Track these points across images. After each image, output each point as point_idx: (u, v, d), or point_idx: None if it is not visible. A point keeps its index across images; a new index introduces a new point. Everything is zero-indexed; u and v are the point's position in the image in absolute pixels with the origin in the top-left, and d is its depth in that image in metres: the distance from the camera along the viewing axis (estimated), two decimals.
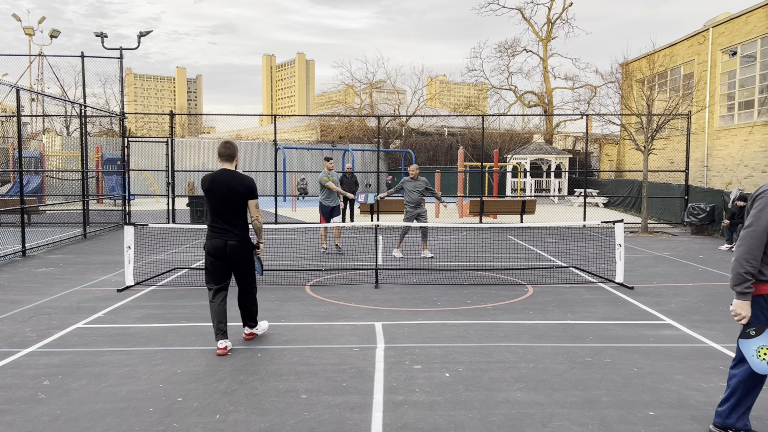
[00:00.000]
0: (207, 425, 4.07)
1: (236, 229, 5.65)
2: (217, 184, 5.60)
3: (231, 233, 5.62)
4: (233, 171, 5.71)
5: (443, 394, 4.64)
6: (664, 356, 5.61)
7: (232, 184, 5.59)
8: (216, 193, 5.59)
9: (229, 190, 5.58)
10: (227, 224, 5.62)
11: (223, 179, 5.61)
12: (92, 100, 41.13)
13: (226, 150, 5.74)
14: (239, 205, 5.65)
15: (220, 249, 5.61)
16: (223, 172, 5.68)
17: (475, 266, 10.71)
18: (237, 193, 5.60)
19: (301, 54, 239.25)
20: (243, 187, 5.63)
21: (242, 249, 5.69)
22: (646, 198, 16.97)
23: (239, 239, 5.66)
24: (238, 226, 5.67)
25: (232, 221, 5.64)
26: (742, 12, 21.31)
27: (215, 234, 5.63)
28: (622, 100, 21.43)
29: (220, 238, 5.61)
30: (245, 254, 5.73)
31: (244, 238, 5.71)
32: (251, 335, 6.10)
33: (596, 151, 36.94)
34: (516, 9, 39.84)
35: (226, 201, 5.58)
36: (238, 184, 5.62)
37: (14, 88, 12.10)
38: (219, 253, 5.61)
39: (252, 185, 5.70)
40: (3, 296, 8.11)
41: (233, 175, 5.65)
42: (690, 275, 9.98)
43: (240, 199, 5.63)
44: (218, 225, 5.63)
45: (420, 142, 39.20)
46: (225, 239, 5.60)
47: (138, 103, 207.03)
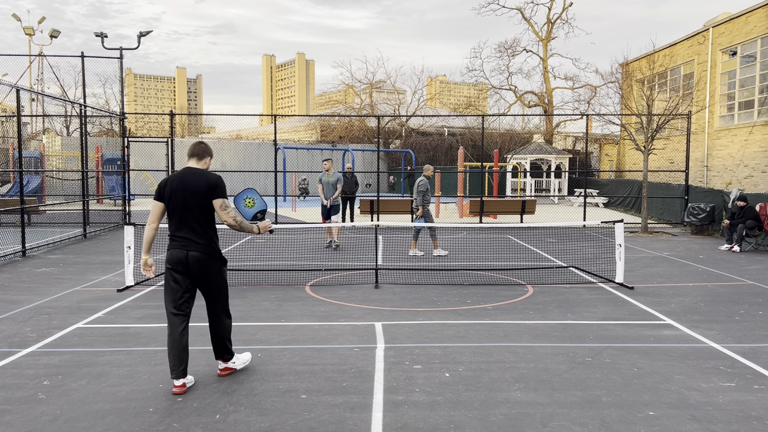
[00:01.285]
0: (207, 425, 4.07)
1: (201, 237, 4.69)
2: (176, 184, 4.70)
3: (194, 243, 4.67)
4: (197, 169, 4.81)
5: (443, 394, 4.64)
6: (664, 356, 5.61)
7: (193, 183, 4.69)
8: (175, 195, 4.68)
9: (189, 190, 4.67)
10: (190, 232, 4.68)
11: (183, 178, 4.72)
12: (92, 100, 41.16)
13: (197, 148, 4.89)
14: (203, 207, 4.70)
15: (180, 262, 4.65)
16: (186, 170, 4.79)
17: (475, 266, 10.71)
18: (199, 193, 4.67)
19: (301, 54, 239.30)
20: (205, 185, 4.68)
21: (209, 262, 4.71)
22: (646, 198, 16.97)
23: (204, 250, 4.69)
24: (204, 234, 4.71)
25: (195, 228, 4.69)
26: (742, 12, 21.31)
27: (175, 244, 4.71)
28: (622, 100, 21.44)
29: (181, 249, 4.67)
30: (214, 269, 4.75)
31: (211, 248, 4.73)
32: (227, 371, 5.01)
33: (596, 151, 36.94)
34: (516, 9, 39.85)
35: (187, 203, 4.66)
36: (200, 181, 4.70)
37: (14, 88, 12.10)
38: (180, 267, 4.67)
39: (216, 182, 4.73)
40: (3, 296, 8.11)
41: (196, 173, 4.76)
42: (690, 275, 9.98)
43: (203, 199, 4.68)
44: (179, 234, 4.71)
45: (420, 142, 39.19)
46: (186, 250, 4.65)
47: (138, 103, 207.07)
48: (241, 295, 8.22)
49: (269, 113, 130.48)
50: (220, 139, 42.10)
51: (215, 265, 4.77)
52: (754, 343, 6.07)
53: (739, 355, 5.64)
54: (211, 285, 4.81)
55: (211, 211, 4.76)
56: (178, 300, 4.72)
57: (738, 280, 9.50)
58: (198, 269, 4.69)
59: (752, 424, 4.12)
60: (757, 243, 13.41)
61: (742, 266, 10.92)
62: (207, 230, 4.74)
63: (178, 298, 4.71)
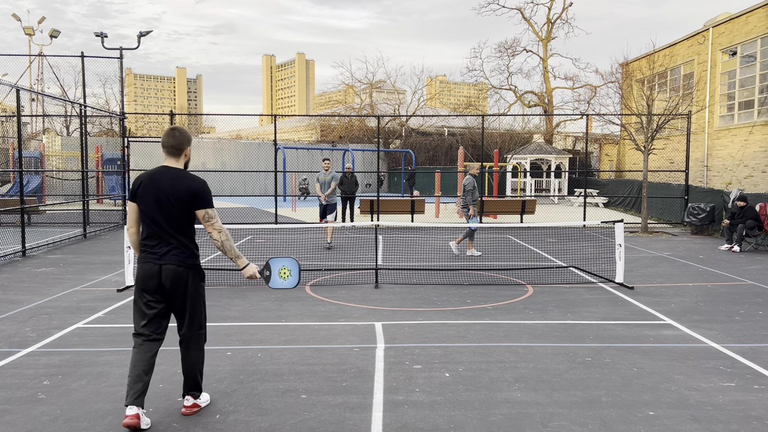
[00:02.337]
0: (207, 425, 4.07)
1: (177, 248, 4.08)
2: (152, 187, 4.06)
3: (169, 254, 4.05)
4: (178, 170, 4.15)
5: (443, 394, 4.64)
6: (664, 356, 5.61)
7: (173, 187, 4.05)
8: (149, 199, 4.06)
9: (166, 195, 4.03)
10: (164, 242, 4.07)
11: (160, 180, 4.07)
12: (92, 100, 41.14)
13: (171, 140, 4.15)
14: (182, 215, 4.08)
15: (152, 276, 4.03)
16: (164, 170, 4.13)
17: (475, 266, 10.71)
18: (179, 199, 4.04)
19: (301, 54, 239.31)
20: (187, 191, 4.05)
21: (185, 277, 4.08)
22: (646, 198, 16.97)
23: (181, 262, 4.07)
24: (180, 245, 4.09)
25: (170, 238, 4.07)
26: (742, 12, 21.31)
27: (147, 256, 4.08)
28: (622, 100, 21.44)
29: (153, 261, 4.05)
30: (191, 284, 4.12)
31: (187, 261, 4.10)
32: (195, 408, 4.28)
33: (596, 151, 36.94)
34: (516, 9, 39.87)
35: (163, 209, 4.04)
36: (182, 186, 4.06)
37: (14, 88, 12.10)
38: (152, 282, 4.04)
39: (202, 188, 4.10)
40: (3, 296, 8.11)
41: (177, 175, 4.10)
42: (690, 275, 9.98)
43: (183, 207, 4.05)
44: (151, 243, 4.09)
45: (420, 142, 39.20)
46: (159, 262, 4.05)
47: (138, 103, 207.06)
48: (241, 295, 8.22)
49: (269, 113, 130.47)
50: (220, 139, 42.09)
51: (193, 281, 4.13)
52: (754, 343, 6.07)
53: (739, 355, 5.64)
54: (186, 303, 4.13)
55: (192, 218, 4.14)
56: (149, 322, 4.08)
57: (738, 280, 9.50)
58: (172, 285, 4.06)
59: (752, 424, 4.12)
60: (757, 243, 13.41)
61: (742, 266, 10.92)
62: (185, 240, 4.12)
63: (150, 320, 4.08)
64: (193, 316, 4.19)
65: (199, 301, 4.20)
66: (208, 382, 4.88)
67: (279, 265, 4.24)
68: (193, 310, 4.18)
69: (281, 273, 4.18)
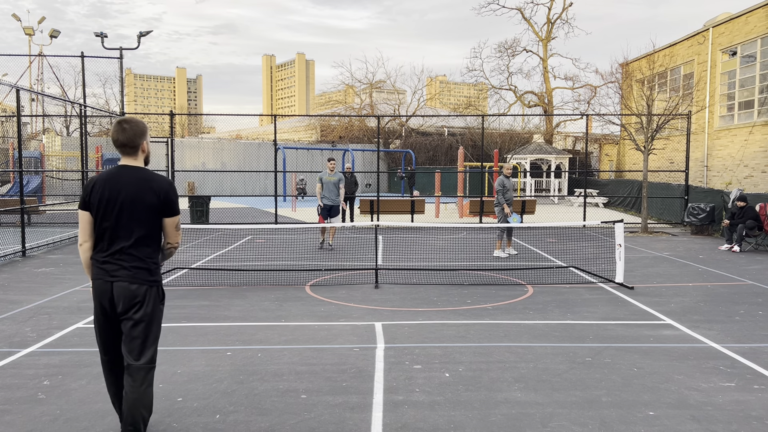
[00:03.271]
0: (207, 425, 4.07)
1: (135, 261, 3.47)
2: (109, 191, 3.43)
3: (123, 269, 3.44)
4: (141, 170, 3.53)
5: (443, 394, 4.64)
6: (664, 356, 5.61)
7: (138, 191, 3.44)
8: (107, 206, 3.43)
9: (130, 201, 3.43)
10: (120, 255, 3.45)
11: (119, 182, 3.45)
12: (92, 100, 41.14)
13: (121, 135, 3.47)
14: (146, 224, 3.48)
15: (104, 294, 3.46)
16: (122, 171, 3.50)
17: (475, 266, 10.71)
18: (146, 206, 3.45)
19: (301, 54, 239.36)
20: (156, 196, 3.47)
21: (140, 297, 3.47)
22: (646, 198, 16.97)
23: (137, 278, 3.46)
24: (139, 257, 3.48)
25: (128, 250, 3.46)
26: (742, 12, 21.31)
27: (99, 271, 3.48)
28: (622, 100, 21.45)
29: (105, 278, 3.45)
30: (146, 307, 3.49)
31: (145, 278, 3.49)
32: None
33: (596, 151, 36.95)
34: (516, 9, 39.88)
35: (123, 218, 3.43)
36: (149, 189, 3.46)
37: (14, 88, 12.10)
38: (105, 302, 3.47)
39: (169, 192, 3.51)
40: (3, 296, 8.11)
41: (140, 176, 3.49)
42: (690, 275, 9.98)
43: (149, 214, 3.47)
44: (105, 257, 3.47)
45: (420, 142, 39.21)
46: (112, 279, 3.43)
47: (138, 103, 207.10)
48: (241, 295, 8.22)
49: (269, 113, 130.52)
50: (220, 139, 42.10)
51: (149, 301, 3.50)
52: (754, 343, 6.07)
53: (739, 355, 5.64)
54: (138, 327, 3.46)
55: (157, 227, 3.53)
56: (108, 344, 3.59)
57: (738, 280, 9.50)
58: (125, 305, 3.44)
59: (752, 424, 4.12)
60: (757, 243, 13.41)
61: (742, 266, 10.92)
62: (145, 253, 3.50)
63: (108, 342, 3.58)
64: (144, 346, 3.49)
65: (154, 327, 3.53)
66: (207, 381, 4.87)
67: None
68: (145, 336, 3.48)
69: None
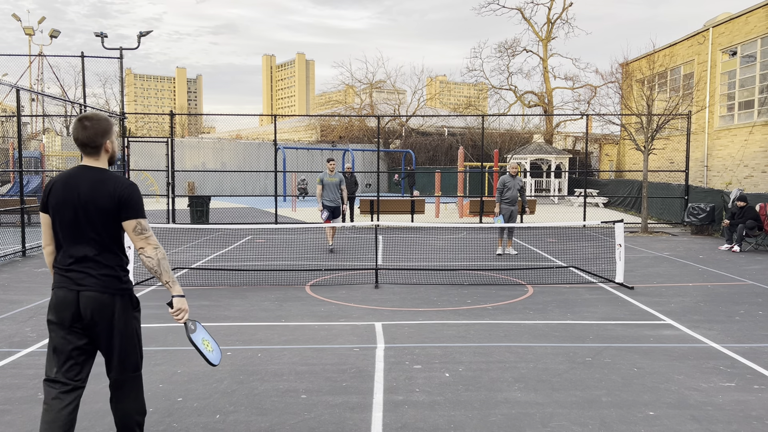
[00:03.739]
0: (207, 425, 4.07)
1: (101, 268, 3.18)
2: (67, 193, 3.17)
3: (89, 276, 3.16)
4: (99, 170, 3.23)
5: (443, 394, 4.64)
6: (664, 356, 5.61)
7: (93, 193, 3.15)
8: (63, 208, 3.17)
9: (85, 203, 3.14)
10: (83, 261, 3.17)
11: (76, 184, 3.17)
12: (92, 100, 41.16)
13: (82, 133, 3.18)
14: (105, 227, 3.18)
15: (68, 305, 3.14)
16: (81, 171, 3.22)
17: (475, 266, 10.71)
18: (102, 209, 3.15)
19: (301, 54, 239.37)
20: (111, 198, 3.15)
21: (110, 306, 3.18)
22: (646, 198, 16.97)
23: (105, 287, 3.17)
24: (105, 264, 3.20)
25: (91, 256, 3.18)
26: (742, 12, 21.31)
27: (62, 279, 3.18)
28: (622, 100, 21.44)
29: (70, 287, 3.15)
30: (118, 317, 3.21)
31: (113, 286, 3.20)
32: None
33: (596, 151, 36.95)
34: (516, 9, 39.87)
35: (79, 222, 3.16)
36: (105, 191, 3.15)
37: (14, 88, 12.10)
38: (67, 313, 3.14)
39: (130, 193, 3.20)
40: (3, 296, 8.11)
41: (97, 177, 3.19)
42: (690, 275, 9.98)
43: (107, 218, 3.17)
44: (67, 263, 3.19)
45: (420, 142, 39.21)
46: (77, 288, 3.14)
47: (138, 103, 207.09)
48: (241, 295, 8.22)
49: (269, 113, 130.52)
50: (220, 139, 42.10)
51: (122, 311, 3.21)
52: (754, 343, 6.07)
53: (739, 355, 5.64)
54: (114, 340, 3.21)
55: (119, 232, 3.24)
56: (64, 363, 3.18)
57: (738, 280, 9.50)
58: (94, 316, 3.15)
59: (752, 424, 4.12)
60: (757, 243, 13.41)
61: (742, 266, 10.92)
62: (111, 259, 3.21)
63: (63, 361, 3.18)
64: (124, 356, 3.25)
65: (131, 336, 3.26)
66: (207, 381, 4.87)
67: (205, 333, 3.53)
68: (123, 347, 3.23)
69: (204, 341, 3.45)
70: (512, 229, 12.27)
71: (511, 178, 12.09)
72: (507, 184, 12.07)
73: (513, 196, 12.03)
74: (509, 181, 12.08)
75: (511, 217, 12.04)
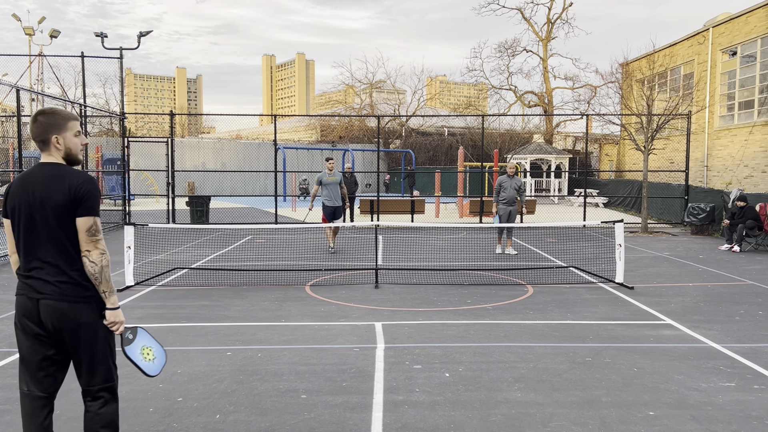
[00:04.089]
0: (207, 425, 4.07)
1: (59, 274, 2.94)
2: (23, 192, 2.97)
3: (48, 284, 2.93)
4: (55, 166, 2.99)
5: (443, 394, 4.64)
6: (664, 356, 5.61)
7: (47, 190, 2.92)
8: (20, 209, 2.98)
9: (40, 201, 2.92)
10: (41, 267, 2.95)
11: (32, 182, 2.96)
12: (92, 100, 41.13)
13: (34, 128, 2.99)
14: (62, 228, 2.93)
15: (28, 313, 2.97)
16: (38, 169, 3.00)
17: (475, 266, 10.71)
18: (55, 206, 2.90)
19: (301, 54, 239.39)
20: (65, 193, 2.90)
21: (72, 316, 2.94)
22: (646, 198, 16.97)
23: (65, 294, 2.93)
24: (63, 270, 2.94)
25: (49, 260, 2.94)
26: (742, 12, 21.31)
27: (22, 287, 3.00)
28: (622, 100, 21.43)
29: (30, 294, 2.96)
30: (84, 326, 2.97)
31: (74, 294, 2.95)
32: None
33: (596, 151, 36.95)
34: (516, 9, 39.87)
35: (34, 222, 2.95)
36: (58, 187, 2.91)
37: (14, 88, 12.11)
38: (29, 321, 2.97)
39: (86, 188, 2.93)
40: (3, 296, 8.11)
41: (52, 173, 2.96)
42: (690, 275, 9.98)
43: (61, 216, 2.91)
44: (27, 269, 2.99)
45: (420, 142, 39.21)
46: (37, 296, 2.94)
47: (138, 103, 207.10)
48: (241, 295, 8.22)
49: (269, 113, 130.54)
50: (220, 139, 42.11)
51: (87, 320, 2.98)
52: (754, 343, 6.07)
53: (739, 355, 5.64)
54: (80, 350, 2.99)
55: (73, 230, 2.96)
56: (36, 373, 3.05)
57: (738, 280, 9.50)
58: (56, 326, 2.94)
59: (752, 424, 4.12)
60: (757, 243, 13.41)
61: (742, 266, 10.92)
62: (71, 263, 2.95)
63: (33, 372, 3.05)
64: (92, 367, 3.03)
65: (98, 345, 3.01)
66: (207, 381, 4.87)
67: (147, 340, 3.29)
68: (90, 358, 3.01)
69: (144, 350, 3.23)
70: (511, 228, 12.28)
71: (508, 179, 12.11)
72: (503, 184, 12.10)
73: (510, 196, 12.04)
74: (506, 182, 12.10)
75: (509, 217, 12.05)
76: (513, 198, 12.07)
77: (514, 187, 12.08)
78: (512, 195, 12.05)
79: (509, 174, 12.16)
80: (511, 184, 12.07)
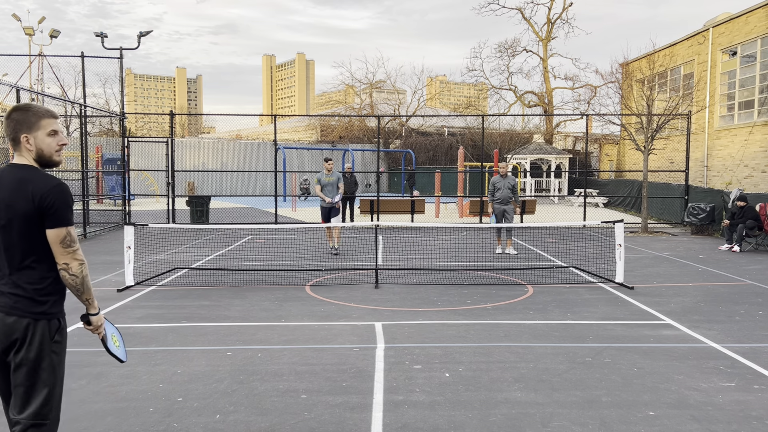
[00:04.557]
0: (207, 425, 4.07)
1: (13, 287, 2.67)
2: None
3: (2, 295, 2.68)
4: (24, 167, 2.72)
5: (443, 394, 4.64)
6: (664, 356, 5.61)
7: (13, 195, 2.65)
8: None
9: (5, 206, 2.66)
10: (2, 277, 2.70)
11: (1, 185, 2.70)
12: (92, 100, 41.13)
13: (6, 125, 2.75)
14: (25, 237, 2.66)
15: None
16: (7, 170, 2.73)
17: (475, 266, 10.71)
18: (19, 213, 2.64)
19: (301, 54, 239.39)
20: (28, 201, 2.63)
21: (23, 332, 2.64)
22: (646, 198, 16.97)
23: (11, 308, 2.65)
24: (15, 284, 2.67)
25: (7, 272, 2.69)
26: (742, 12, 21.31)
27: None
28: (622, 100, 21.43)
29: None
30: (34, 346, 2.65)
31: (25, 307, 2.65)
32: None
33: (596, 151, 36.95)
34: (516, 9, 39.87)
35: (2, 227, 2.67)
36: (24, 192, 2.64)
37: (14, 88, 12.11)
38: None
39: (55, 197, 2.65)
40: None
41: (19, 176, 2.68)
42: (690, 275, 9.98)
43: (24, 225, 2.65)
44: None
45: (420, 142, 39.22)
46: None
47: (138, 103, 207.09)
48: (241, 295, 8.22)
49: (269, 113, 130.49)
50: (220, 139, 42.11)
51: (39, 340, 2.66)
52: (754, 343, 6.07)
53: (739, 355, 5.64)
54: (21, 369, 2.65)
55: (43, 243, 2.68)
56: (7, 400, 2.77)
57: (738, 280, 9.50)
58: (2, 342, 2.65)
59: (752, 424, 4.12)
60: (757, 243, 13.41)
61: (742, 266, 10.92)
62: (30, 277, 2.67)
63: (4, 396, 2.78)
64: (28, 396, 2.64)
65: (42, 372, 2.66)
66: (207, 381, 4.87)
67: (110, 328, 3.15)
68: (29, 385, 2.64)
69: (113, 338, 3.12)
70: (511, 228, 12.29)
71: (501, 179, 12.16)
72: (497, 184, 12.15)
73: (504, 195, 12.07)
74: (499, 182, 12.15)
75: (505, 216, 12.06)
76: (508, 197, 12.10)
77: (508, 186, 12.12)
78: (507, 195, 12.08)
79: (501, 174, 12.20)
80: (504, 183, 12.11)
